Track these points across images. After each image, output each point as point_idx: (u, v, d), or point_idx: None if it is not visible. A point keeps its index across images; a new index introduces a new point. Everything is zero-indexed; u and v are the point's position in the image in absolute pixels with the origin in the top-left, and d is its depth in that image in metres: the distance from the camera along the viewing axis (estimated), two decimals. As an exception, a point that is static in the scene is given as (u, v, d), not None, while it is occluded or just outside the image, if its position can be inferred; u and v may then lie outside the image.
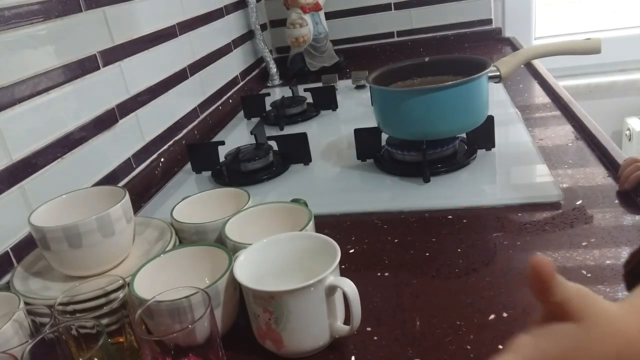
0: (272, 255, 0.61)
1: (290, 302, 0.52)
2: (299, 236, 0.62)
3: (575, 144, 0.95)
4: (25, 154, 0.78)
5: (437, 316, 0.59)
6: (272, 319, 0.53)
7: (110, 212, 0.61)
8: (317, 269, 0.54)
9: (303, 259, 0.61)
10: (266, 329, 0.55)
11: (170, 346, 0.49)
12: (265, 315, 0.54)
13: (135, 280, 0.58)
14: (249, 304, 0.56)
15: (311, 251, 0.60)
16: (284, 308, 0.52)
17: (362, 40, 1.89)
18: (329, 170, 1.01)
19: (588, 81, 1.90)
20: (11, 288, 0.62)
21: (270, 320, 0.54)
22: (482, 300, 0.60)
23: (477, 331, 0.56)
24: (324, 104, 1.36)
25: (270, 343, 0.56)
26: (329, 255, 0.56)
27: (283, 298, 0.52)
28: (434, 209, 0.81)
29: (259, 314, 0.54)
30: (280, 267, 0.61)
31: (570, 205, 0.76)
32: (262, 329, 0.55)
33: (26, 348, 0.47)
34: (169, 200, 0.98)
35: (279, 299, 0.52)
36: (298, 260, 0.61)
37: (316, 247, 0.60)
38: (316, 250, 0.59)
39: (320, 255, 0.58)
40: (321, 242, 0.59)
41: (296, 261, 0.61)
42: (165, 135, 1.16)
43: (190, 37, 1.32)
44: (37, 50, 0.82)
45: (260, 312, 0.54)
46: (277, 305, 0.53)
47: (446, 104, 0.86)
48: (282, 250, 0.61)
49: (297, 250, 0.61)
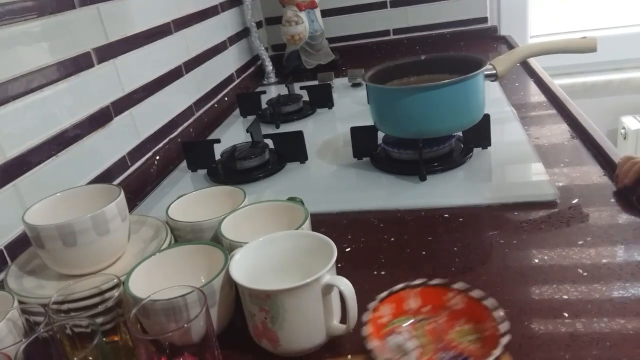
0: (268, 254, 0.61)
1: (286, 301, 0.52)
2: (295, 235, 0.62)
3: (571, 143, 0.95)
4: (19, 151, 0.77)
5: (433, 315, 0.59)
6: (268, 317, 0.53)
7: (105, 210, 0.61)
8: (314, 268, 0.54)
9: (299, 257, 0.60)
10: (262, 328, 0.55)
11: (165, 345, 0.49)
12: (262, 314, 0.53)
13: (130, 279, 0.58)
14: (245, 303, 0.55)
15: (308, 250, 0.60)
16: (280, 307, 0.52)
17: (358, 38, 1.89)
18: (325, 168, 1.01)
19: (584, 80, 1.90)
20: (5, 287, 0.62)
21: (267, 319, 0.53)
22: (478, 299, 0.60)
23: (473, 330, 0.56)
24: (320, 102, 1.36)
25: (266, 342, 0.55)
26: (326, 254, 0.56)
27: (279, 297, 0.52)
28: (430, 208, 0.81)
29: (255, 313, 0.54)
30: (277, 265, 0.61)
31: (566, 203, 0.76)
32: (258, 328, 0.55)
33: (20, 347, 0.47)
34: (165, 198, 0.97)
35: (275, 297, 0.52)
36: (294, 259, 0.61)
37: (313, 246, 0.59)
38: (313, 249, 0.59)
39: (316, 254, 0.58)
40: (318, 241, 0.59)
41: (293, 260, 0.61)
42: (160, 133, 1.15)
43: (185, 34, 1.31)
44: (30, 47, 0.81)
45: (257, 311, 0.54)
46: (273, 304, 0.52)
47: (442, 102, 0.85)
48: (279, 249, 0.61)
49: (294, 249, 0.61)
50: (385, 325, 0.50)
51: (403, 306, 0.50)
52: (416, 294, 0.50)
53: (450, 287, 0.49)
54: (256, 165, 1.01)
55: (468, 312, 0.48)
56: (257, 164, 1.02)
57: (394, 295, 0.50)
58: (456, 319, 0.48)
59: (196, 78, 1.35)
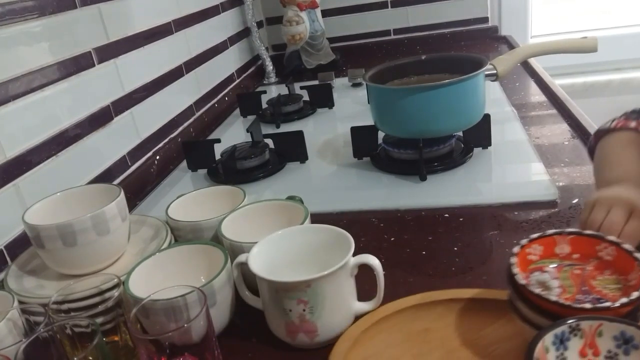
0: (283, 249, 0.61)
1: (326, 287, 0.53)
2: (308, 229, 0.63)
3: (571, 143, 0.95)
4: (20, 151, 0.77)
5: (433, 315, 0.58)
6: (307, 308, 0.53)
7: (105, 210, 0.61)
8: (328, 259, 0.55)
9: (313, 251, 0.61)
10: (299, 322, 0.54)
11: (165, 345, 0.49)
12: (299, 307, 0.53)
13: (130, 278, 0.58)
14: (277, 300, 0.54)
15: (321, 244, 0.60)
16: (320, 294, 0.53)
17: (358, 38, 1.89)
18: (325, 168, 1.01)
19: (584, 80, 1.90)
20: (5, 287, 0.62)
21: (305, 310, 0.53)
22: (478, 299, 0.60)
23: (473, 330, 0.55)
24: (321, 101, 1.36)
25: (303, 335, 0.55)
26: (340, 244, 0.57)
27: (320, 284, 0.52)
28: (430, 208, 0.81)
29: (292, 307, 0.54)
30: (293, 259, 0.61)
31: (566, 203, 0.76)
32: (294, 324, 0.55)
33: (20, 347, 0.47)
34: (165, 198, 0.97)
35: (315, 286, 0.52)
36: (307, 252, 0.61)
37: (325, 240, 0.60)
38: (325, 242, 0.60)
39: (329, 247, 0.59)
40: (330, 234, 0.60)
41: (306, 254, 0.61)
42: (160, 132, 1.15)
43: (186, 34, 1.31)
44: (31, 47, 0.81)
45: (294, 305, 0.53)
46: (313, 293, 0.53)
47: (443, 102, 0.85)
48: (294, 244, 0.61)
49: (307, 243, 0.61)
50: (532, 262, 0.51)
51: (553, 250, 0.52)
52: (568, 241, 0.52)
53: (604, 238, 0.50)
54: (256, 165, 1.01)
55: (616, 264, 0.49)
56: (257, 164, 1.01)
57: (546, 238, 0.52)
58: (603, 269, 0.49)
59: (196, 78, 1.35)
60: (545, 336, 0.41)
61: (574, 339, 0.42)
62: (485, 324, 0.54)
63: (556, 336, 0.41)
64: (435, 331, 0.55)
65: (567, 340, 0.42)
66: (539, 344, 0.40)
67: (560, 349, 0.42)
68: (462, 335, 0.54)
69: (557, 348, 0.41)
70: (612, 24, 1.92)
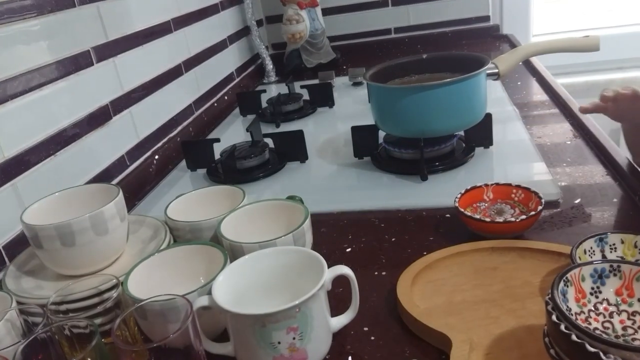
0: (246, 279, 0.57)
1: (313, 307, 0.50)
2: (279, 252, 0.59)
3: (573, 142, 0.94)
4: (18, 151, 0.77)
5: (434, 316, 0.58)
6: (297, 335, 0.50)
7: (103, 210, 0.60)
8: (295, 279, 0.54)
9: (278, 276, 0.58)
10: (289, 354, 0.50)
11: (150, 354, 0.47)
12: (289, 336, 0.49)
13: (129, 279, 0.57)
14: (261, 336, 0.49)
15: (287, 266, 0.58)
16: (309, 317, 0.50)
17: (359, 36, 1.89)
18: (326, 168, 1.00)
19: (586, 79, 1.90)
20: (3, 287, 0.62)
21: (295, 338, 0.50)
22: (480, 300, 0.59)
23: (475, 331, 0.55)
24: (321, 101, 1.36)
25: None
26: (309, 265, 0.55)
27: (308, 306, 0.50)
28: (431, 207, 0.80)
29: (281, 339, 0.49)
30: (258, 288, 0.58)
31: (568, 203, 0.76)
32: (283, 357, 0.50)
33: (18, 348, 0.47)
34: (164, 198, 0.97)
35: (304, 308, 0.49)
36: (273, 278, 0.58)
37: (292, 262, 0.58)
38: (292, 264, 0.58)
39: (297, 268, 0.57)
40: (304, 257, 0.57)
41: (271, 280, 0.58)
42: (159, 132, 1.15)
43: (185, 33, 1.31)
44: (30, 46, 0.81)
45: (282, 336, 0.49)
46: (302, 317, 0.49)
47: (444, 101, 0.85)
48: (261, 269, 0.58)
49: (278, 267, 0.58)
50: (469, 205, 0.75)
51: (482, 195, 0.76)
52: (491, 189, 0.76)
53: (516, 185, 0.74)
54: (256, 164, 1.01)
55: (524, 201, 0.73)
56: (257, 164, 1.01)
57: (477, 188, 0.76)
58: (516, 202, 0.74)
59: (196, 77, 1.35)
60: (584, 267, 0.47)
61: (613, 278, 0.47)
62: (549, 272, 0.60)
63: (595, 270, 0.47)
64: (501, 270, 0.62)
65: (607, 277, 0.47)
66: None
67: (597, 282, 0.47)
68: (524, 277, 0.60)
69: (594, 281, 0.47)
70: (614, 23, 1.91)
